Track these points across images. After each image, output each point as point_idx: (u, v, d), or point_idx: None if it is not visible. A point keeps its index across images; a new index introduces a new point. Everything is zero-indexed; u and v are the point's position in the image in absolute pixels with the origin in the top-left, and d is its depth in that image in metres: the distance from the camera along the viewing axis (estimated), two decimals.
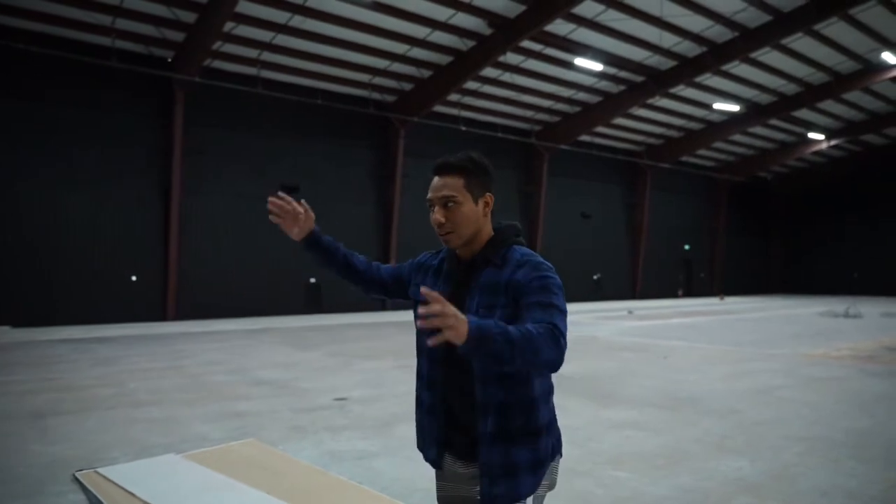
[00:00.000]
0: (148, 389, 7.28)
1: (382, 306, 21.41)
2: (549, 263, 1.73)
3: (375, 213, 21.53)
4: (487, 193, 1.76)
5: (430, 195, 1.75)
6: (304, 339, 12.81)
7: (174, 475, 3.89)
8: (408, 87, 20.66)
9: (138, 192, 16.82)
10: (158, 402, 6.55)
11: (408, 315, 19.43)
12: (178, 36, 16.28)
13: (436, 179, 1.75)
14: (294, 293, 19.60)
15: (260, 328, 15.14)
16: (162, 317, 16.94)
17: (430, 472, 4.27)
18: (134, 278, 16.74)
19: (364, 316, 19.12)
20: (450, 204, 1.71)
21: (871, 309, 21.95)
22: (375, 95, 20.87)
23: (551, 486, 1.76)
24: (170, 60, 16.94)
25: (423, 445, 1.88)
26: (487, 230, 1.78)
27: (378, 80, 20.19)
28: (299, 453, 4.69)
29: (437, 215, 1.71)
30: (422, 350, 1.83)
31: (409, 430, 5.42)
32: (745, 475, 4.26)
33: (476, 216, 1.74)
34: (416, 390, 1.89)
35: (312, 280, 20.05)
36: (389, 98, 21.21)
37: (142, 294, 16.79)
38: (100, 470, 4.09)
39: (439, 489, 1.88)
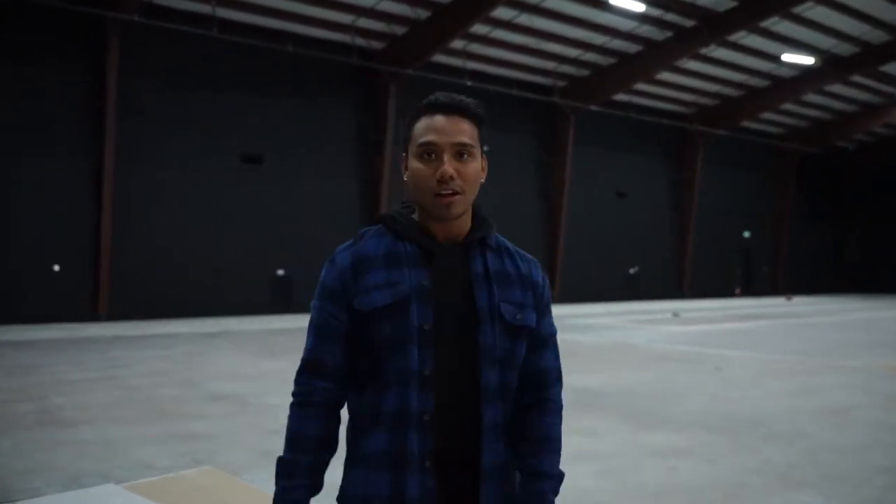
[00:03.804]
0: (77, 405, 7.30)
1: None
2: None
3: (359, 191, 21.53)
4: (485, 155, 1.68)
5: (432, 138, 1.58)
6: (272, 345, 12.83)
7: None
8: (400, 30, 20.59)
9: (61, 161, 16.78)
10: (90, 421, 6.58)
11: None
12: None
13: (440, 119, 1.59)
14: (258, 288, 19.64)
15: (216, 331, 15.19)
16: (92, 317, 16.97)
17: None
18: (56, 268, 16.75)
19: None
20: (465, 156, 1.59)
21: None
22: (360, 41, 20.79)
23: None
24: None
25: None
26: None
27: (363, 22, 20.10)
28: (267, 484, 4.70)
29: (448, 166, 1.56)
30: (401, 374, 1.55)
31: None
32: None
33: (479, 179, 1.64)
34: (367, 440, 1.59)
35: (280, 272, 20.08)
36: (377, 45, 21.13)
37: (67, 288, 16.80)
38: None
39: None
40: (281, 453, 1.62)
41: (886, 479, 4.97)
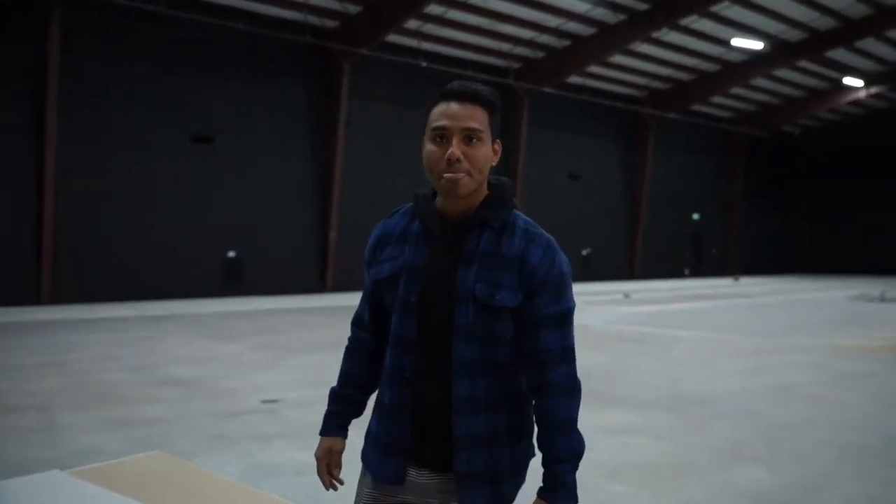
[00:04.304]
0: (22, 391, 7.16)
1: (321, 287, 21.32)
2: (551, 237, 1.85)
3: (312, 171, 21.31)
4: (497, 140, 1.82)
5: (444, 122, 1.73)
6: (223, 328, 12.73)
7: (60, 496, 3.84)
8: (354, 9, 20.34)
9: (0, 141, 16.26)
10: (37, 408, 6.46)
11: (352, 299, 19.42)
12: None
13: (453, 106, 1.74)
14: (209, 270, 19.36)
15: (165, 314, 14.98)
16: (36, 300, 16.53)
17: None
18: None
19: (298, 299, 19.03)
20: (474, 140, 1.73)
21: None
22: (312, 19, 20.48)
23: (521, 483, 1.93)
24: None
25: (375, 460, 1.88)
26: (485, 186, 1.82)
27: (316, 0, 19.81)
28: (220, 468, 4.68)
29: (455, 149, 1.71)
30: (393, 336, 1.85)
31: (357, 438, 5.46)
32: (764, 488, 4.43)
33: (489, 163, 1.78)
34: (378, 392, 1.93)
35: (232, 254, 19.82)
36: (330, 23, 20.85)
37: (8, 271, 16.32)
38: None
39: (380, 499, 1.88)
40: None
41: (832, 454, 5.14)
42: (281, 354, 9.65)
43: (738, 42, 24.29)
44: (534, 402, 1.82)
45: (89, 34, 17.23)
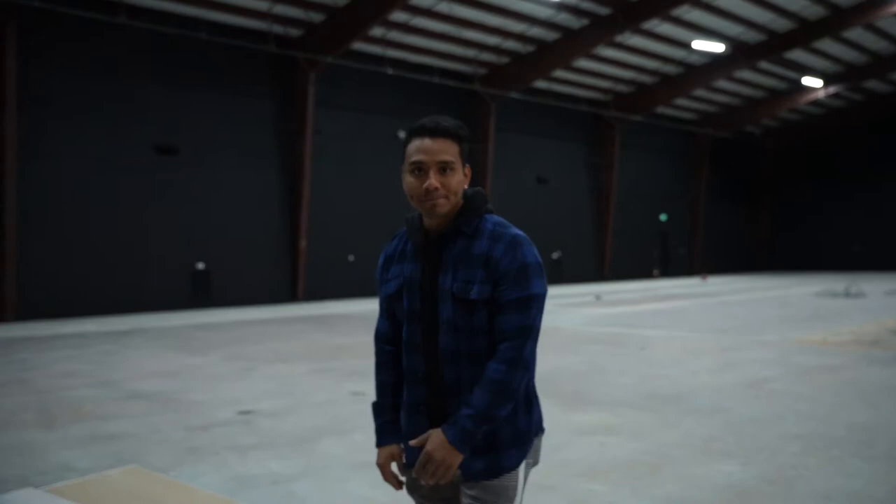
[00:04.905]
0: None
1: (292, 297, 21.20)
2: (522, 234, 2.06)
3: (280, 180, 21.20)
4: (467, 165, 2.10)
5: (420, 157, 2.00)
6: (192, 341, 12.60)
7: None
8: (318, 17, 20.32)
9: None
10: (2, 426, 6.35)
11: (324, 308, 19.33)
12: None
13: (426, 141, 2.01)
14: (176, 283, 19.14)
15: (131, 328, 14.78)
16: None
17: (364, 493, 4.34)
18: None
19: (268, 310, 18.90)
20: (447, 170, 2.01)
21: (875, 287, 23.41)
22: (277, 28, 20.42)
23: (535, 463, 2.16)
24: None
25: (408, 450, 2.15)
26: (460, 200, 2.09)
27: (280, 9, 19.74)
28: (197, 479, 4.66)
29: (433, 180, 1.99)
30: (405, 343, 2.15)
31: (334, 447, 5.49)
32: (736, 481, 4.53)
33: (462, 186, 2.06)
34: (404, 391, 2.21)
35: (200, 266, 19.62)
36: (295, 32, 20.81)
37: None
38: None
39: (417, 482, 2.14)
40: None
41: (800, 446, 5.27)
42: (252, 366, 9.59)
43: (699, 45, 24.71)
44: None
45: (47, 46, 16.98)
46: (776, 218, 41.37)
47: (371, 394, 2.29)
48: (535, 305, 2.00)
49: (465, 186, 2.07)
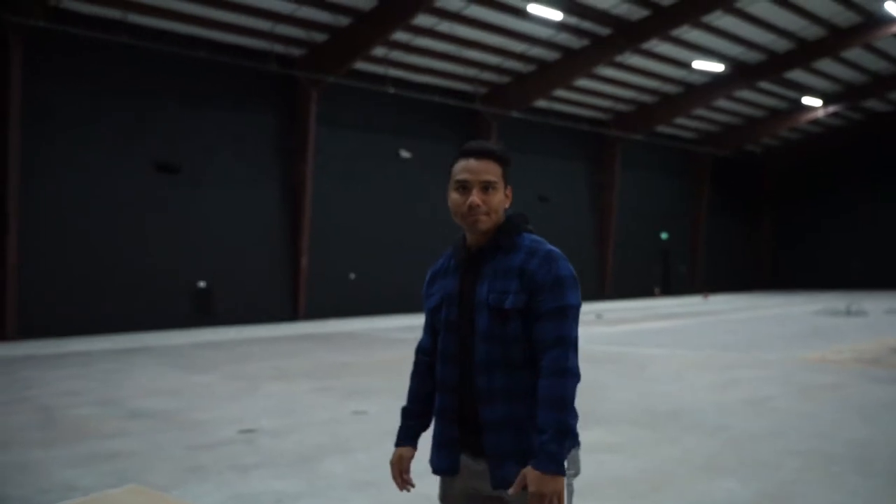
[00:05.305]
0: None
1: (293, 316, 21.21)
2: (557, 250, 2.19)
3: (282, 198, 21.29)
4: (509, 186, 2.25)
5: (465, 176, 2.16)
6: (194, 359, 12.60)
7: None
8: (320, 37, 20.49)
9: None
10: (5, 445, 6.36)
11: (325, 326, 19.33)
12: None
13: (471, 161, 2.17)
14: (177, 301, 19.16)
15: (133, 347, 14.77)
16: (0, 336, 16.23)
17: None
18: None
19: (269, 328, 18.90)
20: (490, 189, 2.16)
21: (875, 305, 23.37)
22: (279, 48, 20.59)
23: (577, 473, 2.21)
24: None
25: (434, 456, 2.26)
26: (502, 219, 2.23)
27: (282, 29, 19.92)
28: (200, 499, 4.67)
29: (476, 198, 2.14)
30: (440, 353, 2.26)
31: (336, 466, 5.49)
32: (736, 498, 4.54)
33: (503, 206, 2.21)
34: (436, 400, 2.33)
35: (202, 284, 19.65)
36: (297, 52, 20.97)
37: None
38: None
39: (447, 490, 2.26)
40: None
41: (800, 462, 5.28)
42: (254, 384, 9.59)
43: (699, 65, 24.89)
44: None
45: (52, 63, 17.14)
46: (777, 236, 41.41)
47: (373, 413, 2.33)
48: (571, 315, 2.11)
49: (507, 206, 2.22)
